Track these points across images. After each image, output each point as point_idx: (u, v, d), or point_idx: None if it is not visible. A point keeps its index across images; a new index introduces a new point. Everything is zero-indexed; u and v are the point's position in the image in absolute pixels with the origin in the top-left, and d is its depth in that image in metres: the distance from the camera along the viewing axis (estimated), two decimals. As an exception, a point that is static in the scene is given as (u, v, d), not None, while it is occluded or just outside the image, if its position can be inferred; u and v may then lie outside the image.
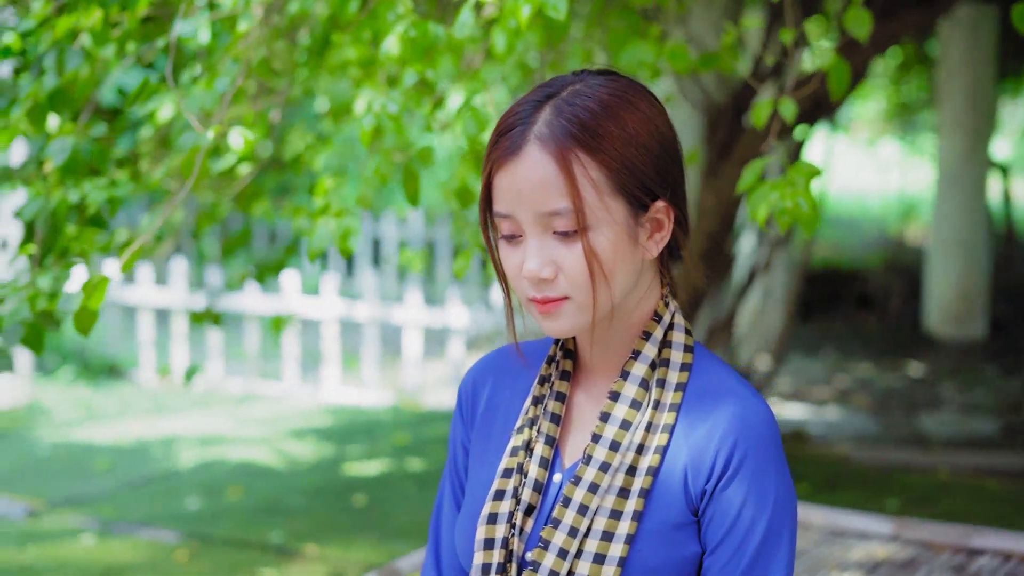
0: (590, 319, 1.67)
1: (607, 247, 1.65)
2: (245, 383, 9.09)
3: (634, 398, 1.70)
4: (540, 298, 1.66)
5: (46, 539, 5.71)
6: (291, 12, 3.53)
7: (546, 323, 1.68)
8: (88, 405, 8.49)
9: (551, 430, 1.76)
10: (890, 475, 6.71)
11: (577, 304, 1.66)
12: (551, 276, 1.65)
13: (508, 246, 1.69)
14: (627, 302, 1.72)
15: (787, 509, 1.67)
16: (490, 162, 1.68)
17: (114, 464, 6.97)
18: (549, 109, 1.66)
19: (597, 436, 1.70)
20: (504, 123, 1.69)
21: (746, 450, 1.65)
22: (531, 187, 1.64)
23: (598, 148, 1.64)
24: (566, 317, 1.67)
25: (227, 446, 7.43)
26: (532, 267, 1.65)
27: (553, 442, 1.76)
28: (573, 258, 1.64)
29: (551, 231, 1.65)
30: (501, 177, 1.67)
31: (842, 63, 3.30)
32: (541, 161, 1.63)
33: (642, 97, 1.72)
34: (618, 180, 1.65)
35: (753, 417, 1.68)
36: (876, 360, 9.83)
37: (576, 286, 1.65)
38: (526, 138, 1.65)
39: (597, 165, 1.64)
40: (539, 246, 1.65)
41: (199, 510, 6.15)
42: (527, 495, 1.72)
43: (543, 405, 1.77)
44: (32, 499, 6.30)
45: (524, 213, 1.65)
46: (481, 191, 1.71)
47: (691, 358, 1.74)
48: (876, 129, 18.17)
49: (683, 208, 1.74)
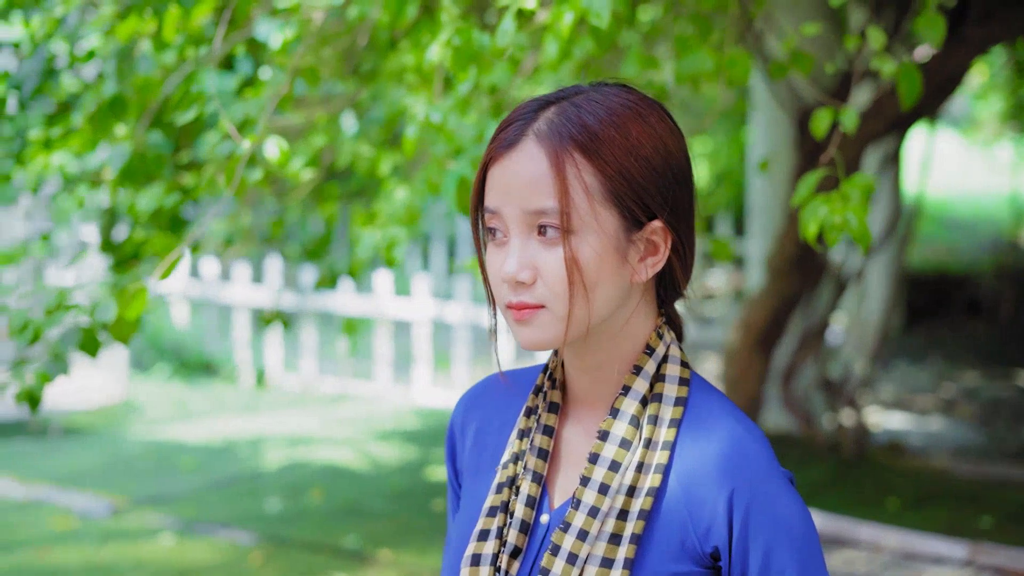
0: (563, 334, 1.59)
1: (590, 256, 1.56)
2: (338, 383, 9.12)
3: (623, 437, 1.61)
4: (516, 303, 1.58)
5: (126, 538, 5.76)
6: (350, 17, 3.49)
7: (519, 331, 1.60)
8: (181, 403, 8.58)
9: (538, 466, 1.67)
10: (988, 490, 6.47)
11: (553, 315, 1.57)
12: (529, 280, 1.57)
13: (494, 248, 1.61)
14: (609, 325, 1.62)
15: (807, 532, 1.58)
16: (487, 155, 1.62)
17: (201, 463, 7.03)
18: (554, 109, 1.60)
19: (586, 479, 1.61)
20: (507, 118, 1.63)
21: (750, 497, 1.56)
22: (521, 182, 1.57)
23: (595, 151, 1.56)
24: (539, 327, 1.58)
25: (314, 447, 7.44)
26: (510, 269, 1.57)
27: (541, 479, 1.67)
28: (554, 263, 1.56)
29: (535, 232, 1.57)
30: (494, 171, 1.60)
31: (913, 70, 3.16)
32: (535, 157, 1.56)
33: (655, 113, 1.64)
34: (612, 188, 1.56)
35: (748, 458, 1.58)
36: (984, 369, 9.55)
37: (554, 294, 1.56)
38: (524, 133, 1.59)
39: (592, 169, 1.56)
40: (521, 247, 1.57)
41: (279, 512, 6.16)
42: (513, 536, 1.64)
43: (529, 439, 1.69)
44: (117, 497, 6.37)
45: (511, 209, 1.58)
46: (474, 185, 1.64)
47: (686, 392, 1.64)
48: (994, 130, 17.69)
49: (685, 239, 1.64)
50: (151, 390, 8.89)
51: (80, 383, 8.47)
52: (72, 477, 6.74)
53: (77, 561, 5.41)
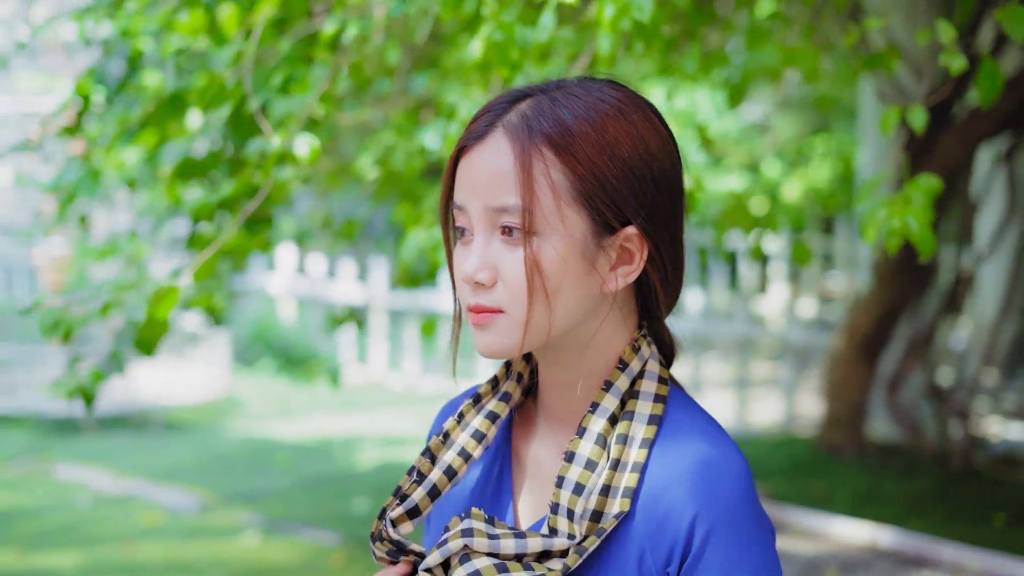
0: (521, 340, 1.47)
1: (553, 260, 1.44)
2: (439, 382, 9.08)
3: (588, 458, 1.49)
4: (473, 304, 1.48)
5: (211, 535, 5.77)
6: (409, 12, 3.41)
7: (476, 336, 1.49)
8: (282, 400, 8.62)
9: (469, 445, 1.58)
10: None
11: (512, 321, 1.46)
12: (488, 282, 1.46)
13: (461, 248, 1.51)
14: (576, 337, 1.51)
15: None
16: (456, 147, 1.52)
17: (294, 461, 7.03)
18: (529, 102, 1.49)
19: (555, 505, 1.50)
20: (481, 109, 1.53)
21: (711, 524, 1.42)
22: (486, 177, 1.46)
23: (566, 148, 1.45)
24: (496, 333, 1.47)
25: (407, 447, 7.40)
26: (468, 268, 1.46)
27: (468, 457, 1.58)
28: (514, 265, 1.45)
29: (499, 232, 1.46)
30: (463, 164, 1.50)
31: (994, 68, 2.97)
32: (501, 150, 1.46)
33: (639, 112, 1.51)
34: (582, 188, 1.45)
35: (719, 481, 1.44)
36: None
37: (514, 298, 1.45)
38: (494, 125, 1.48)
39: (561, 166, 1.45)
40: (483, 247, 1.47)
41: (365, 512, 6.12)
42: None
43: (466, 421, 1.59)
44: (207, 493, 6.40)
45: (475, 205, 1.47)
46: (444, 179, 1.53)
47: (661, 410, 1.51)
48: None
49: (665, 249, 1.50)
50: (254, 386, 8.95)
51: (184, 378, 8.56)
52: (167, 472, 6.79)
53: (160, 557, 5.43)
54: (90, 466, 6.89)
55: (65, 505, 6.19)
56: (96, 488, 6.49)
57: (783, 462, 6.93)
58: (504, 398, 1.60)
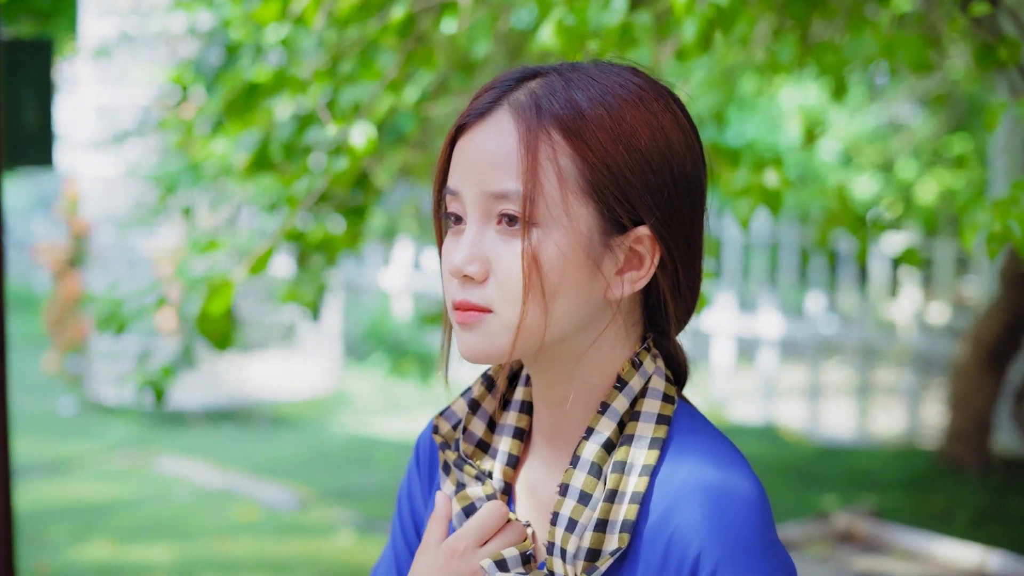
0: (510, 345, 1.31)
1: (554, 256, 1.28)
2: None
3: (582, 490, 1.32)
4: (459, 301, 1.32)
5: (305, 532, 5.70)
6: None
7: (460, 338, 1.34)
8: (392, 397, 8.55)
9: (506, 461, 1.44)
10: None
11: (502, 322, 1.30)
12: (478, 276, 1.30)
13: (451, 237, 1.35)
14: (570, 348, 1.34)
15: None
16: (455, 125, 1.36)
17: (396, 459, 6.94)
18: (540, 80, 1.34)
19: (550, 545, 1.34)
20: (485, 85, 1.38)
21: (717, 560, 1.25)
22: (485, 158, 1.31)
23: (578, 132, 1.29)
24: (483, 335, 1.31)
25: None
26: (457, 260, 1.31)
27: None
28: (510, 259, 1.29)
29: (495, 221, 1.31)
30: (461, 143, 1.35)
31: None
32: (505, 130, 1.31)
33: (661, 102, 1.34)
34: (592, 178, 1.29)
35: (729, 512, 1.26)
36: None
37: (506, 297, 1.29)
38: (499, 102, 1.33)
39: (571, 152, 1.29)
40: (475, 237, 1.31)
41: (463, 514, 6.00)
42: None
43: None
44: (306, 489, 6.34)
45: (470, 189, 1.32)
46: (439, 160, 1.38)
47: (665, 432, 1.33)
48: None
49: (679, 256, 1.34)
50: (364, 382, 8.90)
51: (294, 373, 8.53)
52: (268, 467, 6.76)
53: (252, 554, 5.37)
54: (192, 459, 6.89)
55: (163, 498, 6.18)
56: (195, 482, 6.47)
57: (902, 475, 6.63)
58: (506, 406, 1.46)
